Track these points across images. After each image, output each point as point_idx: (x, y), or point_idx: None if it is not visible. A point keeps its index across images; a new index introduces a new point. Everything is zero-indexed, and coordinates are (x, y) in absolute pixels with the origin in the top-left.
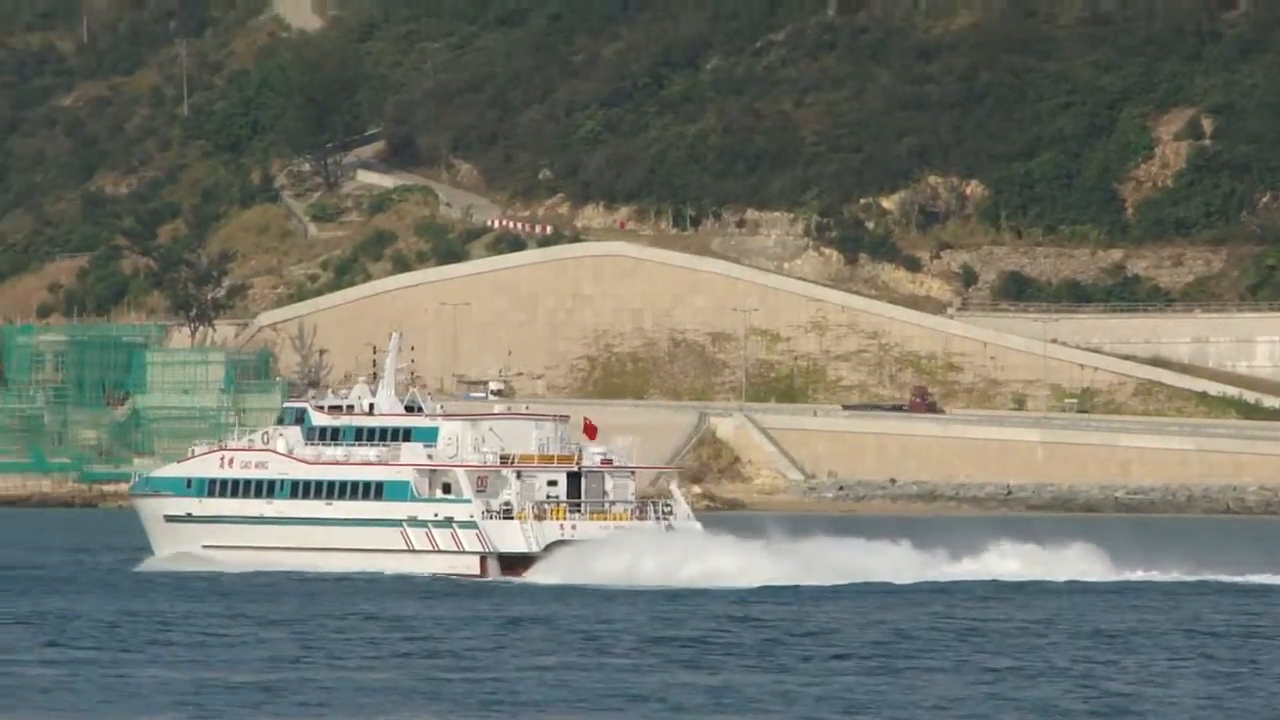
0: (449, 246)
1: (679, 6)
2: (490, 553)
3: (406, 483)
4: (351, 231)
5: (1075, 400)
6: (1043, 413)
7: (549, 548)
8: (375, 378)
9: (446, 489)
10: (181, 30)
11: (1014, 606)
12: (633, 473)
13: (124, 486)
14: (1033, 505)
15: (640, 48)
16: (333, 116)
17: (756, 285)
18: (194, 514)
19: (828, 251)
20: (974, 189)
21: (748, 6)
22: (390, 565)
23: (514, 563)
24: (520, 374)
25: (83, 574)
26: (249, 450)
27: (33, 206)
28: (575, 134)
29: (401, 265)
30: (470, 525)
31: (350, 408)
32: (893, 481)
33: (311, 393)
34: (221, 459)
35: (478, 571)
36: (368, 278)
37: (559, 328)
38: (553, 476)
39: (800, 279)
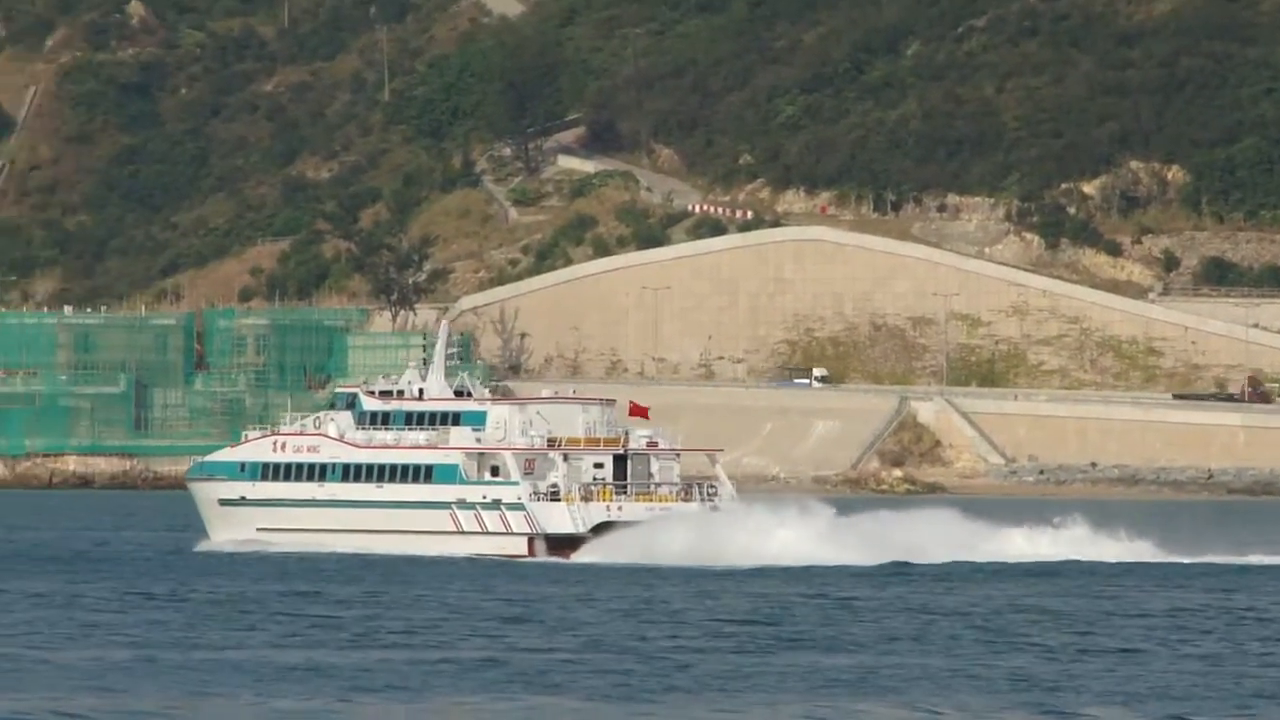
0: (649, 231)
1: None
2: (537, 534)
3: (455, 466)
4: (552, 216)
5: (1278, 385)
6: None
7: (595, 529)
8: (425, 363)
9: (495, 472)
10: (382, 15)
11: (983, 588)
12: (678, 455)
13: None
14: (1234, 489)
15: (841, 33)
16: (534, 101)
17: (957, 270)
18: (248, 497)
19: (1029, 236)
20: (1175, 174)
21: None
22: (439, 547)
23: (561, 544)
24: (721, 358)
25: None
26: (301, 435)
27: (234, 191)
28: (776, 119)
29: (602, 250)
30: (518, 507)
31: (401, 393)
32: (1093, 465)
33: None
34: (275, 443)
35: (525, 552)
36: (568, 262)
37: (759, 312)
38: (599, 459)
39: (1001, 264)
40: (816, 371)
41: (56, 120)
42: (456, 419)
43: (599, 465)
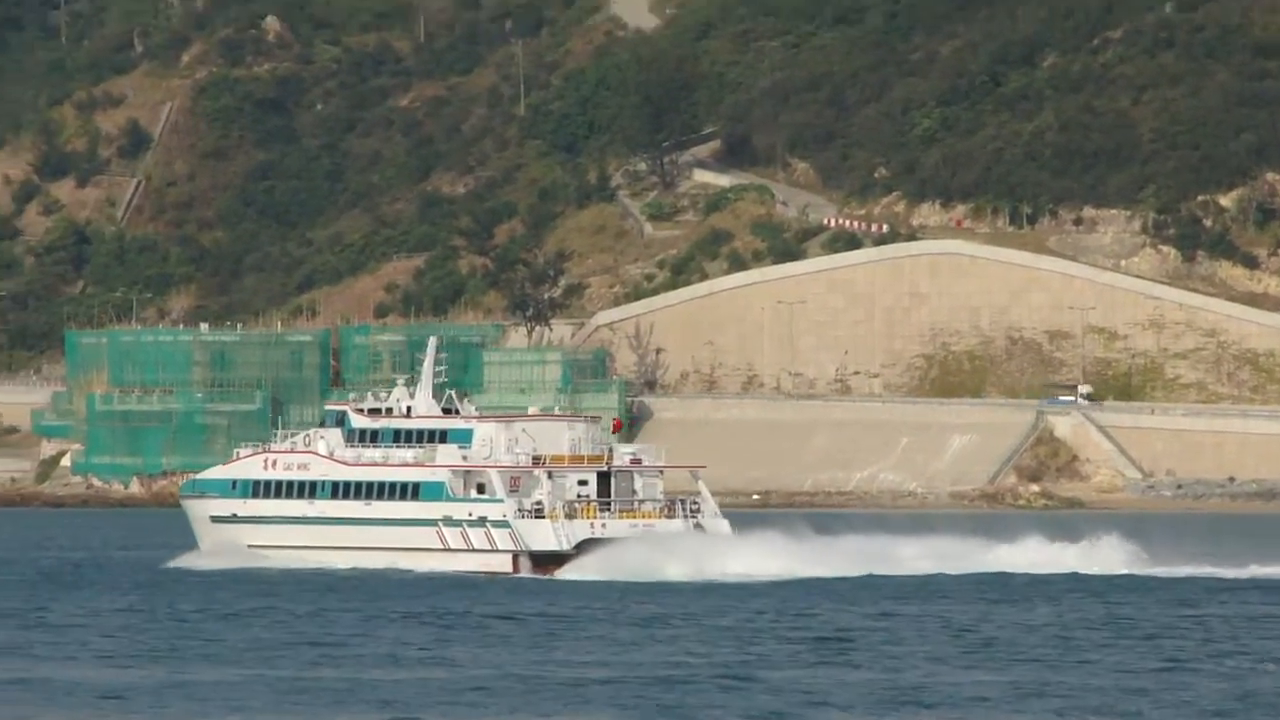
0: (785, 245)
1: (1016, 4)
2: (522, 551)
3: (442, 483)
4: (687, 230)
5: None
6: None
7: (579, 546)
8: (412, 383)
9: (481, 489)
10: (518, 30)
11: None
12: (661, 472)
13: None
14: None
15: (977, 45)
16: (669, 115)
17: (1093, 283)
18: (239, 514)
19: (1165, 249)
20: None
21: (1085, 4)
22: (425, 564)
23: (545, 561)
24: (856, 373)
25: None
26: (291, 452)
27: (370, 207)
28: (911, 132)
29: (737, 264)
30: (503, 524)
31: (389, 410)
32: (1231, 480)
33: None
34: (265, 461)
35: (510, 569)
36: (704, 277)
37: (895, 326)
38: (583, 476)
39: (1137, 276)
40: (1081, 389)
41: (192, 136)
42: (443, 437)
43: (583, 482)
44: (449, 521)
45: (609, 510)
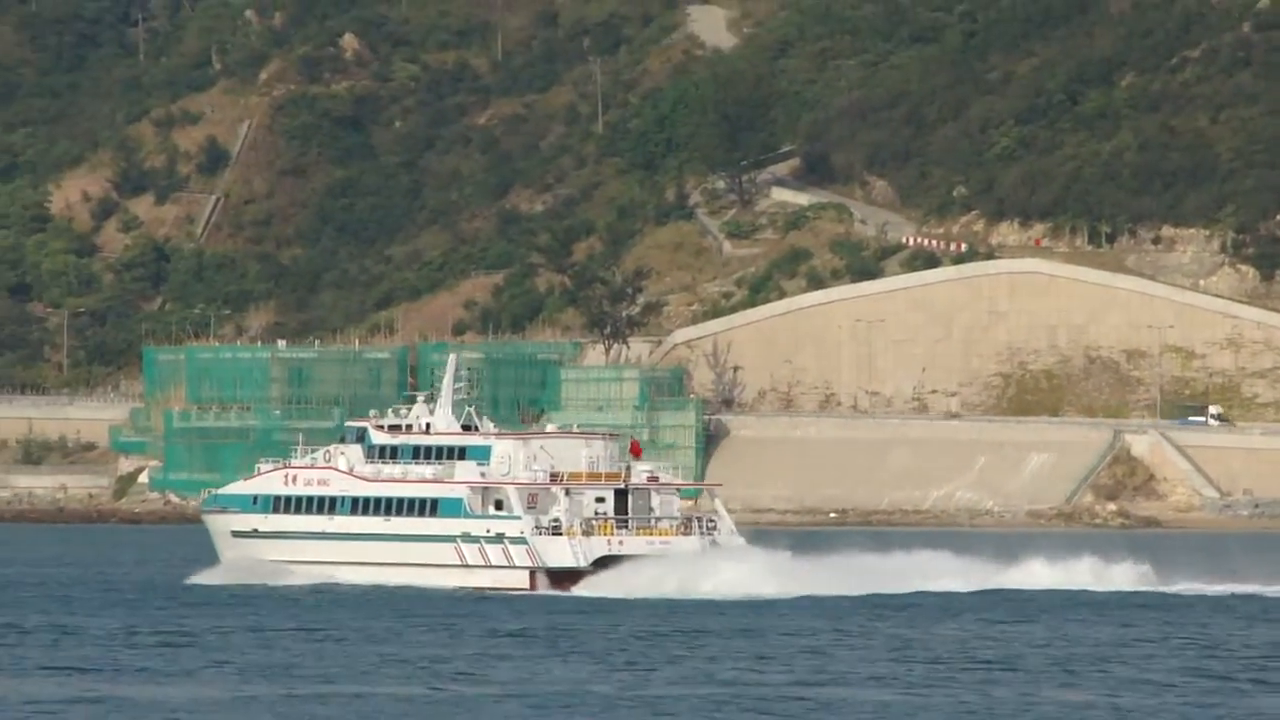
0: (863, 264)
1: (1094, 23)
2: (539, 567)
3: (460, 499)
4: (766, 249)
5: None
6: None
7: (596, 562)
8: (431, 398)
9: (499, 505)
10: (596, 48)
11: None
12: (678, 489)
13: None
14: None
15: (1055, 64)
16: (747, 134)
17: (1172, 302)
18: (259, 529)
19: (1243, 268)
20: None
21: (1163, 23)
22: (444, 580)
23: (562, 577)
24: (934, 391)
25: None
26: (312, 468)
27: (448, 224)
28: (990, 151)
29: (816, 282)
30: (520, 541)
31: (409, 427)
32: None
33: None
34: (286, 476)
35: (527, 586)
36: (782, 295)
37: (973, 344)
38: (600, 493)
39: (1215, 295)
40: (1212, 409)
41: (270, 154)
42: (462, 453)
43: (600, 500)
44: (467, 538)
45: (626, 527)
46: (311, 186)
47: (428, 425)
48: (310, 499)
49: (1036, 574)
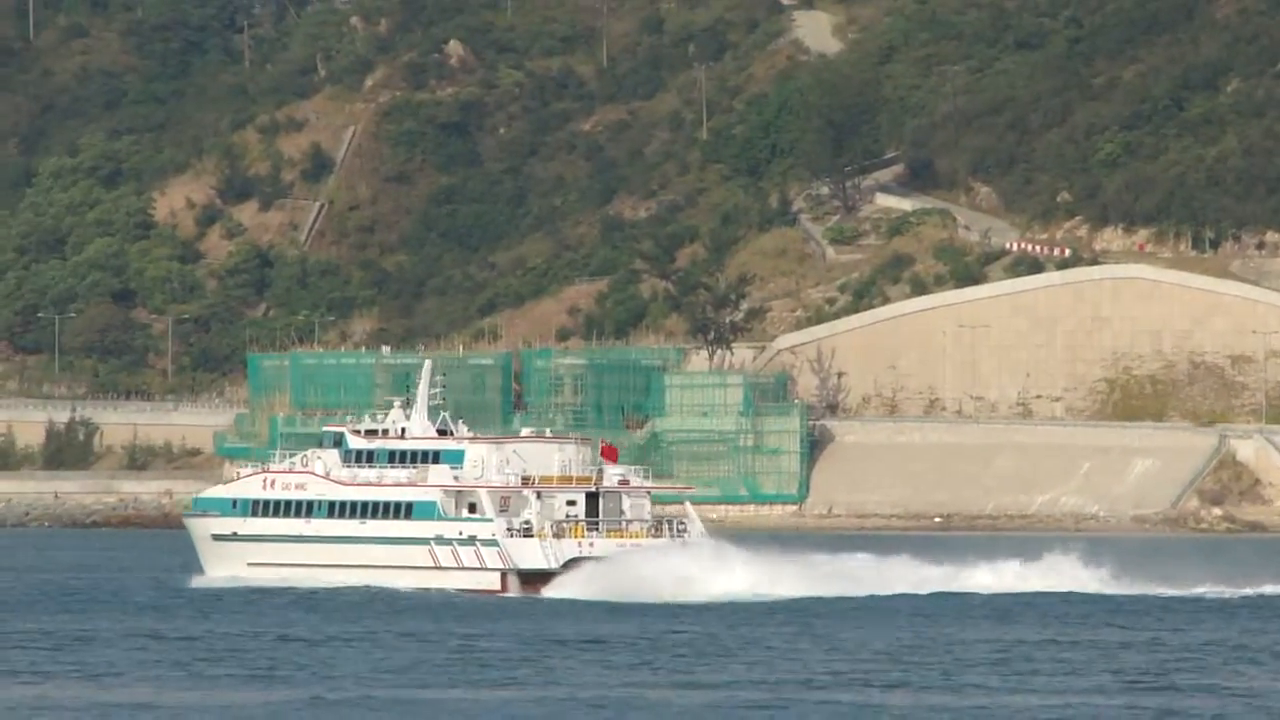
0: (967, 269)
1: (1199, 28)
2: (511, 569)
3: (434, 503)
4: (869, 254)
5: None
6: None
7: (567, 564)
8: (408, 405)
9: (472, 509)
10: (701, 54)
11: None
12: (648, 493)
13: None
14: None
15: (1160, 70)
16: (851, 140)
17: (1277, 307)
18: (239, 533)
19: None
20: None
21: (1268, 29)
22: (418, 582)
23: (533, 579)
24: (1038, 397)
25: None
26: (290, 472)
27: (552, 230)
28: (1094, 156)
29: (919, 288)
30: (492, 543)
31: (385, 431)
32: None
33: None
34: (264, 481)
35: (499, 587)
36: (886, 300)
37: (1077, 350)
38: (572, 496)
39: None
40: None
41: (375, 160)
42: (436, 457)
43: (572, 502)
44: (440, 540)
45: (597, 530)
46: (416, 193)
47: (403, 430)
48: (288, 503)
49: (982, 578)
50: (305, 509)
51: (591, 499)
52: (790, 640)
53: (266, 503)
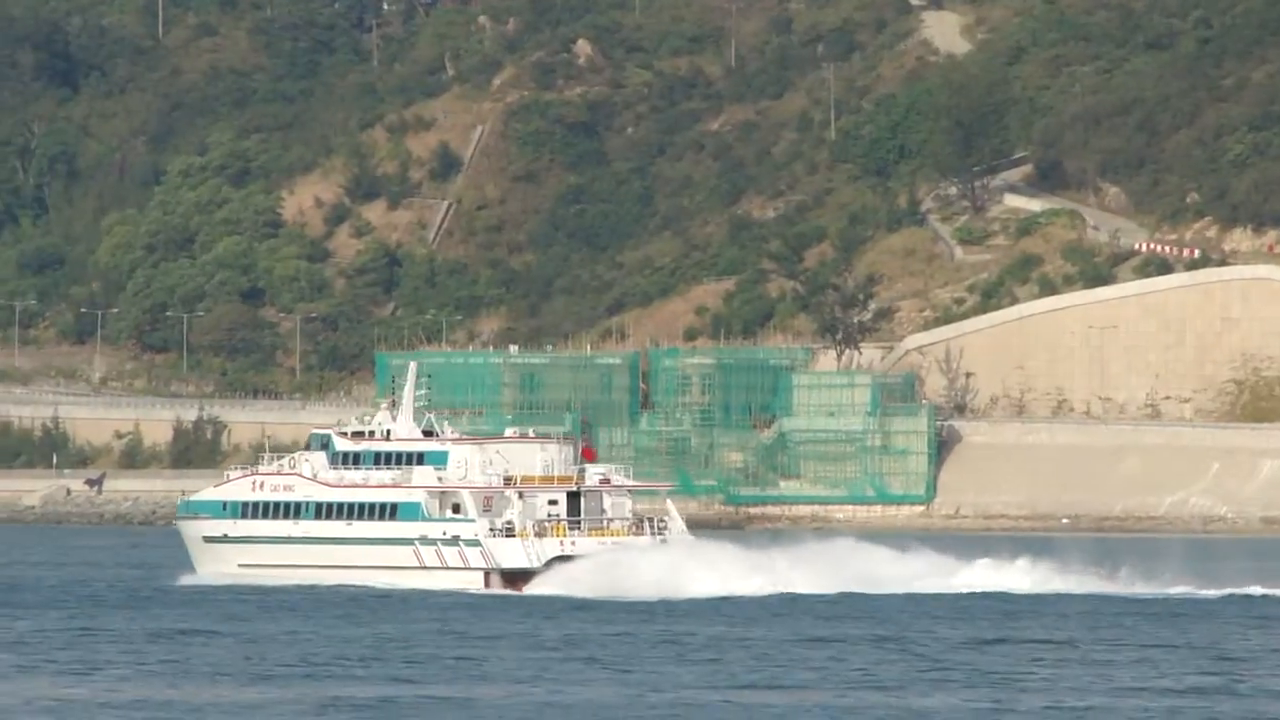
0: (1096, 270)
1: None
2: (493, 568)
3: (418, 504)
4: (998, 255)
5: None
6: None
7: (549, 563)
8: (394, 406)
9: (456, 509)
10: (829, 54)
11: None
12: (630, 491)
13: (771, 510)
14: None
15: None
16: (980, 140)
17: None
18: (229, 535)
19: None
20: None
21: None
22: (404, 581)
23: (515, 577)
24: (1167, 398)
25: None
26: (278, 474)
27: (680, 230)
28: (1224, 157)
29: (1048, 289)
30: (475, 543)
31: (371, 433)
32: None
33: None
34: (254, 483)
35: (482, 586)
36: (1014, 301)
37: (1206, 351)
38: (553, 496)
39: None
40: None
41: (503, 159)
42: (421, 458)
43: (553, 502)
44: (424, 540)
45: (578, 529)
46: (543, 192)
47: (388, 432)
48: (276, 504)
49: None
50: (293, 511)
51: (573, 498)
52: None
53: (255, 504)
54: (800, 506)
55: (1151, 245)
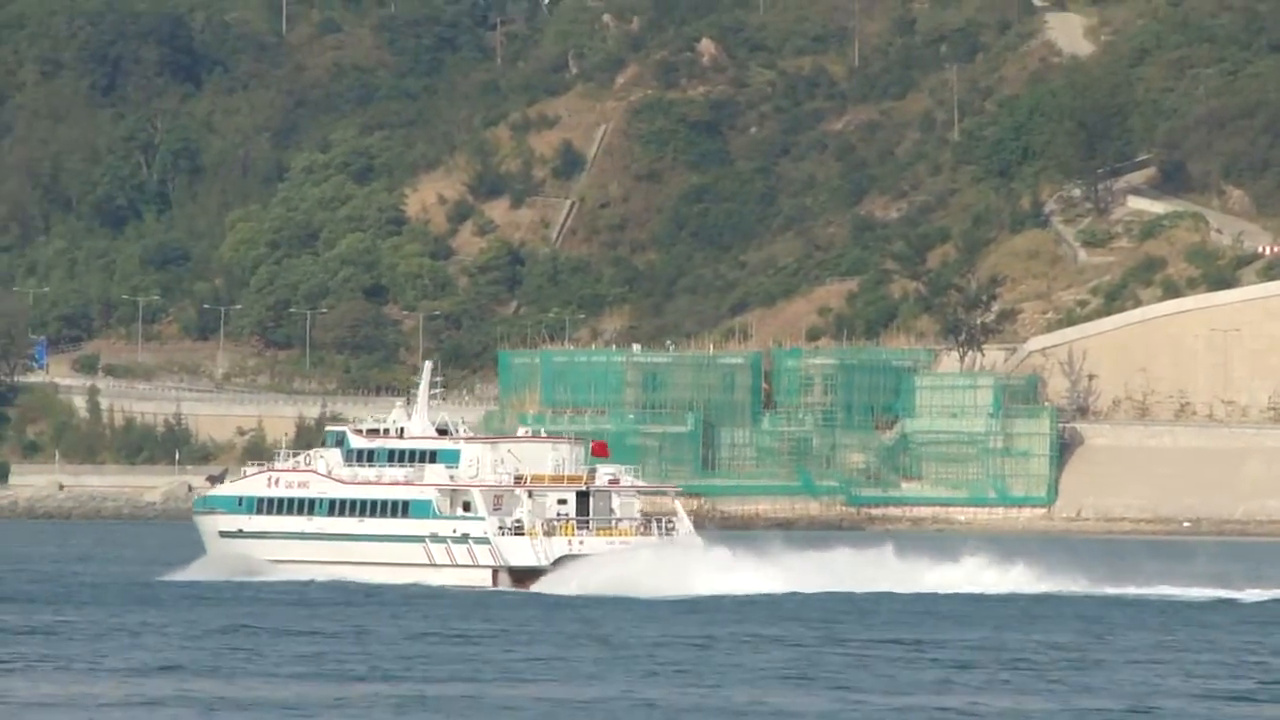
0: (1219, 273)
1: None
2: (502, 566)
3: (429, 501)
4: (1121, 257)
5: None
6: None
7: (557, 561)
8: (403, 406)
9: (466, 507)
10: (952, 55)
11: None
12: (638, 491)
13: (892, 511)
14: None
15: None
16: (1103, 142)
17: None
18: (245, 530)
19: None
20: None
21: None
22: (414, 578)
23: (523, 575)
24: None
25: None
26: (293, 471)
27: (803, 230)
28: None
29: (1171, 291)
30: (484, 541)
31: (386, 431)
32: None
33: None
34: (269, 479)
35: (490, 584)
36: (1137, 303)
37: None
38: (562, 495)
39: None
40: None
41: (626, 158)
42: (433, 456)
43: (563, 501)
44: (435, 538)
45: (587, 528)
46: (666, 191)
47: (402, 430)
48: (290, 500)
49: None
50: (307, 507)
51: (582, 498)
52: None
53: (270, 500)
54: (921, 508)
55: (1275, 248)
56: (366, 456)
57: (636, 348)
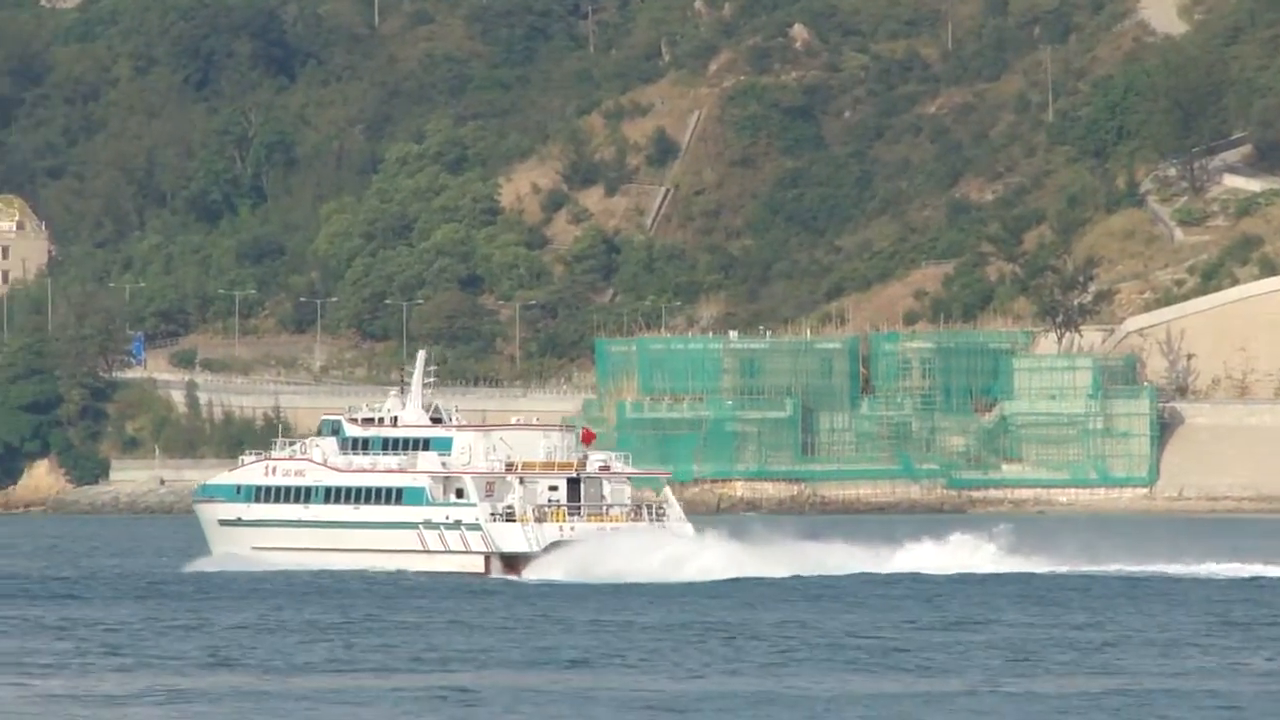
0: None
1: None
2: (493, 552)
3: (422, 489)
4: (1218, 236)
5: None
6: None
7: (548, 548)
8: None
9: (459, 494)
10: (1046, 35)
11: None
12: (629, 478)
13: (993, 494)
14: None
15: None
16: (1199, 120)
17: None
18: (243, 518)
19: None
20: None
21: None
22: (408, 565)
23: (514, 561)
24: None
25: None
26: (290, 460)
27: (898, 214)
28: None
29: (1269, 269)
30: (476, 527)
31: (380, 420)
32: None
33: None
34: (266, 468)
35: (482, 570)
36: (1234, 282)
37: None
38: (553, 482)
39: None
40: None
41: (720, 144)
42: (426, 444)
43: (553, 488)
44: (428, 525)
45: (577, 514)
46: (761, 177)
47: (396, 418)
48: (287, 489)
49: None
50: (303, 495)
51: (573, 484)
52: None
53: (268, 489)
54: (1023, 490)
55: None
56: (361, 445)
57: (733, 334)
